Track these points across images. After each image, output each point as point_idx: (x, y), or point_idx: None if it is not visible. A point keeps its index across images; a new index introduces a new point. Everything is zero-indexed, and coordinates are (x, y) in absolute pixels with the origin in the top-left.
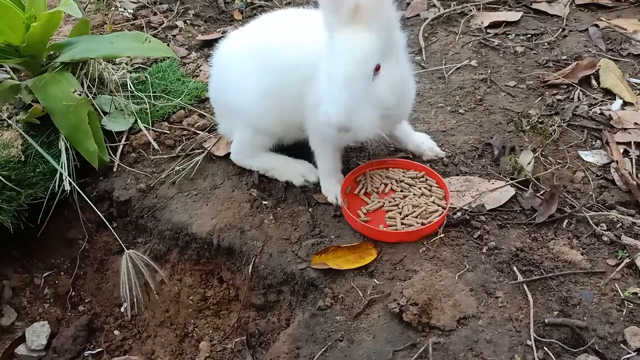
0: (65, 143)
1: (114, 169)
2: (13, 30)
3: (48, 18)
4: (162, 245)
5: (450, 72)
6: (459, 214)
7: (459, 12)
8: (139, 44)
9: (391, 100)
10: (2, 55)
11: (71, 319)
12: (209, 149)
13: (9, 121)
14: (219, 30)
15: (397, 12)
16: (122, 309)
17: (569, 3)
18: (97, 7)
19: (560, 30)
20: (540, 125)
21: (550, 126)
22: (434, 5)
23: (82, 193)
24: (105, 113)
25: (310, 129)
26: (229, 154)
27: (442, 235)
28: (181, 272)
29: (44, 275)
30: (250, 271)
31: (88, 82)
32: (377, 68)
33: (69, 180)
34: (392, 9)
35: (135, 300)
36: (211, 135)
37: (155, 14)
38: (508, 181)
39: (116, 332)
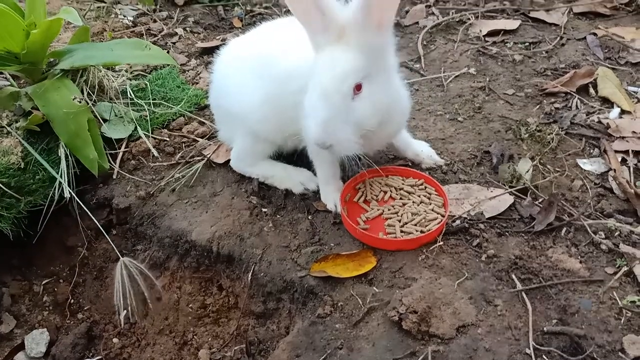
0: (64, 150)
1: (114, 176)
2: (13, 38)
3: (48, 25)
4: (161, 253)
5: (449, 79)
6: (458, 221)
7: (457, 20)
8: (138, 51)
9: (372, 121)
10: (2, 62)
11: (70, 327)
12: (208, 156)
13: (9, 128)
14: (218, 37)
15: (392, 37)
16: (121, 317)
17: (567, 12)
18: (97, 15)
19: (558, 38)
20: (539, 134)
21: (549, 134)
22: (433, 14)
23: (79, 202)
24: (105, 120)
25: (308, 141)
26: (228, 161)
27: (441, 243)
28: (180, 279)
29: (43, 282)
30: (249, 279)
31: (88, 89)
32: (359, 87)
33: (68, 189)
34: (385, 34)
35: (129, 308)
36: (211, 143)
37: (155, 21)
38: (507, 189)
39: (115, 340)
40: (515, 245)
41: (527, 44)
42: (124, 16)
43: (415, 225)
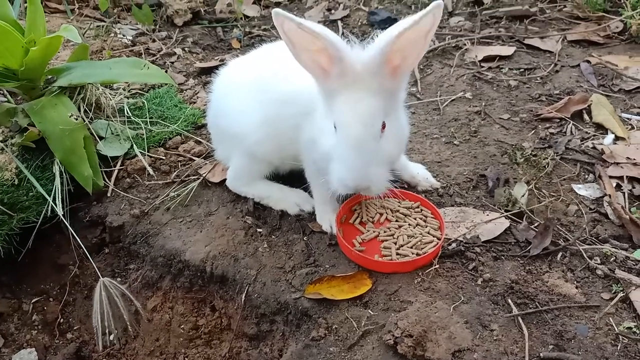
0: (59, 167)
1: (108, 194)
2: (12, 54)
3: (47, 43)
4: (154, 272)
5: (445, 103)
6: (453, 245)
7: (453, 45)
8: (137, 70)
9: (397, 154)
10: (0, 78)
11: (59, 347)
12: (204, 175)
13: (4, 144)
14: (217, 58)
15: (406, 77)
16: (111, 337)
17: (561, 39)
18: (96, 33)
19: (553, 65)
20: (534, 158)
21: (544, 159)
22: None
23: (66, 223)
24: (101, 138)
25: (305, 160)
26: (224, 180)
27: (437, 266)
28: (173, 299)
29: (33, 301)
30: (243, 300)
31: (85, 106)
32: (383, 127)
33: (61, 206)
34: (404, 76)
35: (108, 331)
36: (207, 162)
37: (154, 40)
38: (502, 213)
39: None
40: (511, 270)
41: (522, 70)
42: (123, 35)
43: (411, 247)
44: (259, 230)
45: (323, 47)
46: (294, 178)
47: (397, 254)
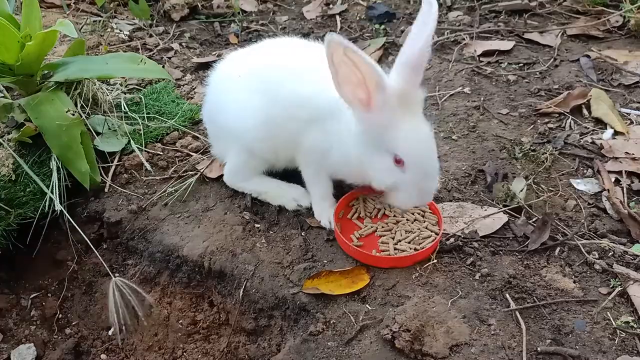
0: (56, 162)
1: (106, 190)
2: (8, 49)
3: (43, 38)
4: (152, 268)
5: (444, 98)
6: (452, 240)
7: (452, 40)
8: (134, 65)
9: None
10: None
11: (57, 342)
12: (202, 171)
13: (1, 140)
14: (214, 53)
15: None
16: (110, 332)
17: (560, 34)
18: (93, 28)
19: (552, 60)
20: (533, 153)
21: (543, 154)
22: None
23: (68, 217)
24: (98, 133)
25: (302, 161)
26: (221, 176)
27: (435, 261)
28: (171, 295)
29: (31, 296)
30: (241, 295)
31: (82, 102)
32: None
33: (59, 201)
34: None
35: (123, 327)
36: (204, 157)
37: (151, 36)
38: (501, 208)
39: (103, 356)
40: (509, 264)
41: (521, 64)
42: (120, 30)
43: (409, 242)
44: (256, 225)
45: (362, 78)
46: (290, 173)
47: (395, 249)
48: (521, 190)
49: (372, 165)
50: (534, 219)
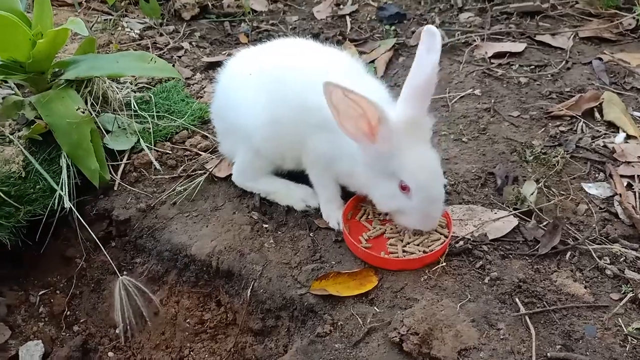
0: (66, 160)
1: (115, 188)
2: (19, 47)
3: (54, 35)
4: (160, 266)
5: (454, 100)
6: (461, 242)
7: (463, 41)
8: (144, 64)
9: None
10: (7, 71)
11: (65, 339)
12: (210, 170)
13: (11, 137)
14: (224, 52)
15: None
16: (117, 330)
17: (573, 36)
18: (103, 27)
19: (564, 62)
20: (544, 156)
21: (554, 157)
22: None
23: (77, 214)
24: (107, 131)
25: (308, 163)
26: (230, 175)
27: (444, 264)
28: (179, 294)
29: (40, 293)
30: (248, 295)
31: (92, 100)
32: None
33: (68, 199)
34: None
35: (128, 327)
36: (213, 157)
37: (161, 34)
38: (511, 211)
39: (110, 354)
40: (519, 268)
41: (532, 67)
42: (131, 29)
43: (418, 245)
44: (265, 225)
45: (363, 112)
46: (299, 174)
47: (404, 251)
48: (532, 194)
49: (377, 188)
50: (544, 223)
